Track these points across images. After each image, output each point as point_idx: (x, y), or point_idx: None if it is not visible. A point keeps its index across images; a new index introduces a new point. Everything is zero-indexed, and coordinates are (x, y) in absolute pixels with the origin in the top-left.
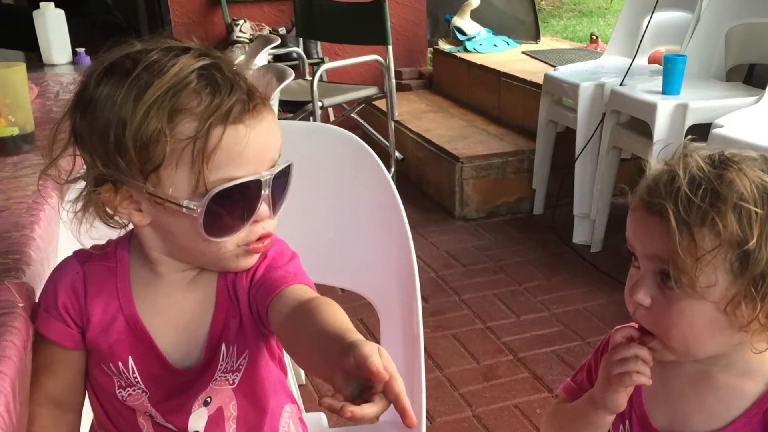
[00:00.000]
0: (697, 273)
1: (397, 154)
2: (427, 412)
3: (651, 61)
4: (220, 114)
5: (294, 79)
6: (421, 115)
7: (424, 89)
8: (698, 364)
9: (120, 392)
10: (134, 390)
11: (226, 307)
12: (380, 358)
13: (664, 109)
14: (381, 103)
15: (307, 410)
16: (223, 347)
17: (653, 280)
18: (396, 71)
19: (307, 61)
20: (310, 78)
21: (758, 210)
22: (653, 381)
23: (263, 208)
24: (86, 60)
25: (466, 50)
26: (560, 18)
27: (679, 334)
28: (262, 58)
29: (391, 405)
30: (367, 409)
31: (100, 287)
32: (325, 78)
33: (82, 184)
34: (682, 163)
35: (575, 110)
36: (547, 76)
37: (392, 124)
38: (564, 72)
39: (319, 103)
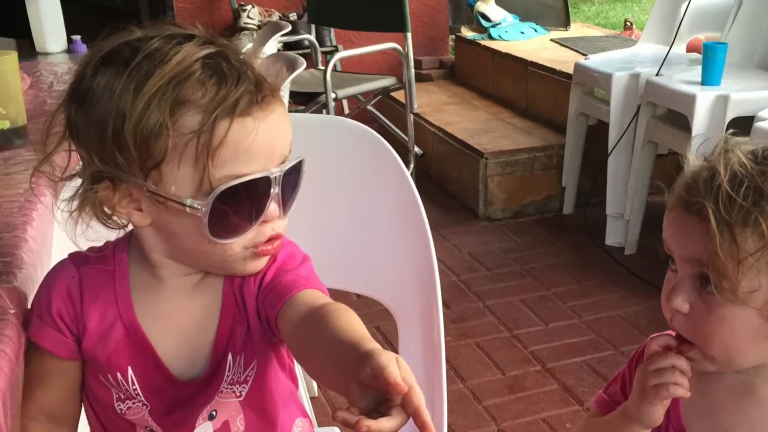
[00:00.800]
0: (739, 277)
1: (416, 149)
2: (449, 426)
3: (689, 49)
4: (227, 106)
5: (306, 68)
6: (443, 108)
7: (446, 79)
8: (740, 375)
9: (119, 405)
10: (134, 403)
11: (232, 313)
12: (398, 368)
13: (704, 100)
14: (399, 95)
15: (320, 424)
16: (230, 357)
17: (692, 285)
18: (415, 60)
19: (319, 50)
20: (323, 67)
21: None
22: (692, 393)
23: (272, 207)
24: (82, 48)
25: (490, 38)
26: (592, 3)
27: (719, 342)
28: (272, 46)
29: (410, 419)
30: (385, 424)
31: (98, 292)
32: (339, 67)
33: (77, 181)
34: (723, 158)
35: (608, 102)
36: (577, 66)
37: (411, 117)
38: (596, 61)
39: (333, 95)
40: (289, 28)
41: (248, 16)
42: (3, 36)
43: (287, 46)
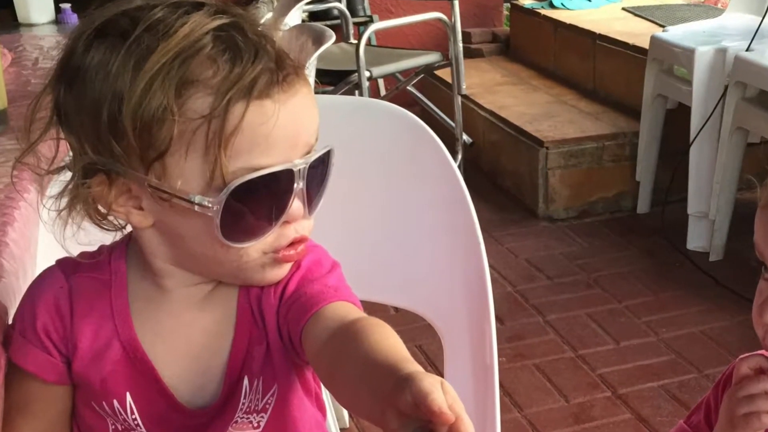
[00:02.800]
0: None
1: (464, 137)
2: None
3: None
4: (242, 87)
5: (335, 42)
6: (496, 88)
7: (499, 55)
8: None
9: None
10: None
11: (248, 330)
12: (444, 394)
13: None
14: (445, 73)
15: None
16: (246, 381)
17: None
18: (463, 33)
19: (351, 20)
20: (356, 41)
21: None
22: None
23: (296, 205)
24: (73, 19)
25: (552, 6)
26: None
27: None
28: (295, 16)
29: None
30: None
31: (91, 305)
32: (374, 41)
33: (67, 175)
34: None
35: (690, 82)
36: (654, 39)
37: (459, 99)
38: (676, 34)
39: (367, 73)
40: None
41: None
42: None
43: (313, 16)
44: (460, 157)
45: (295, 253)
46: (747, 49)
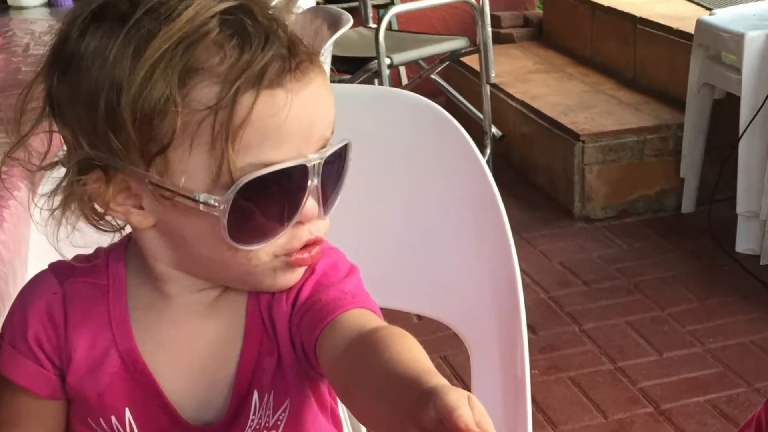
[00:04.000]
0: None
1: (494, 129)
2: None
3: None
4: (251, 75)
5: (352, 26)
6: (527, 77)
7: (531, 41)
8: None
9: None
10: None
11: (258, 340)
12: (471, 410)
13: None
14: (472, 60)
15: None
16: (256, 395)
17: None
18: (492, 16)
19: (370, 3)
20: (375, 26)
21: None
22: None
23: (310, 204)
24: (67, 1)
25: None
26: None
27: None
28: None
29: None
30: None
31: (87, 313)
32: (395, 26)
33: (61, 171)
34: None
35: (739, 70)
36: (700, 23)
37: (487, 88)
38: (724, 17)
39: (387, 60)
40: None
41: None
42: None
43: None
44: (488, 151)
45: (309, 256)
46: None
